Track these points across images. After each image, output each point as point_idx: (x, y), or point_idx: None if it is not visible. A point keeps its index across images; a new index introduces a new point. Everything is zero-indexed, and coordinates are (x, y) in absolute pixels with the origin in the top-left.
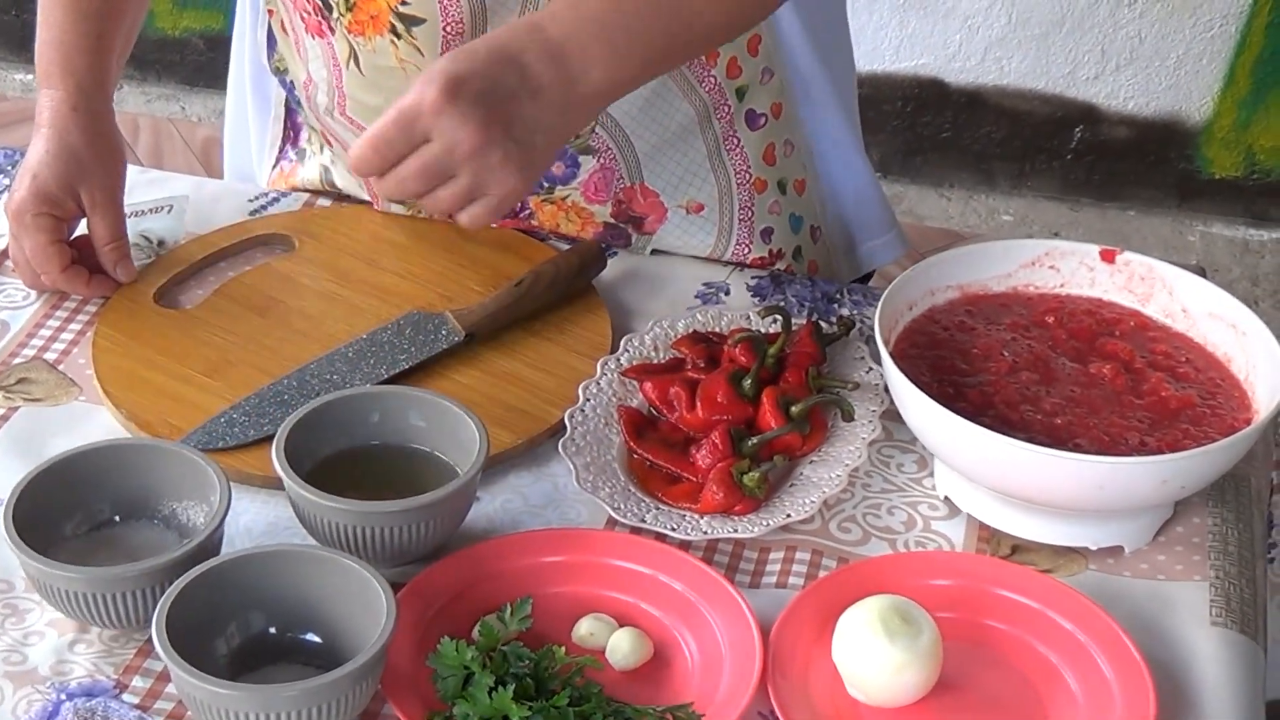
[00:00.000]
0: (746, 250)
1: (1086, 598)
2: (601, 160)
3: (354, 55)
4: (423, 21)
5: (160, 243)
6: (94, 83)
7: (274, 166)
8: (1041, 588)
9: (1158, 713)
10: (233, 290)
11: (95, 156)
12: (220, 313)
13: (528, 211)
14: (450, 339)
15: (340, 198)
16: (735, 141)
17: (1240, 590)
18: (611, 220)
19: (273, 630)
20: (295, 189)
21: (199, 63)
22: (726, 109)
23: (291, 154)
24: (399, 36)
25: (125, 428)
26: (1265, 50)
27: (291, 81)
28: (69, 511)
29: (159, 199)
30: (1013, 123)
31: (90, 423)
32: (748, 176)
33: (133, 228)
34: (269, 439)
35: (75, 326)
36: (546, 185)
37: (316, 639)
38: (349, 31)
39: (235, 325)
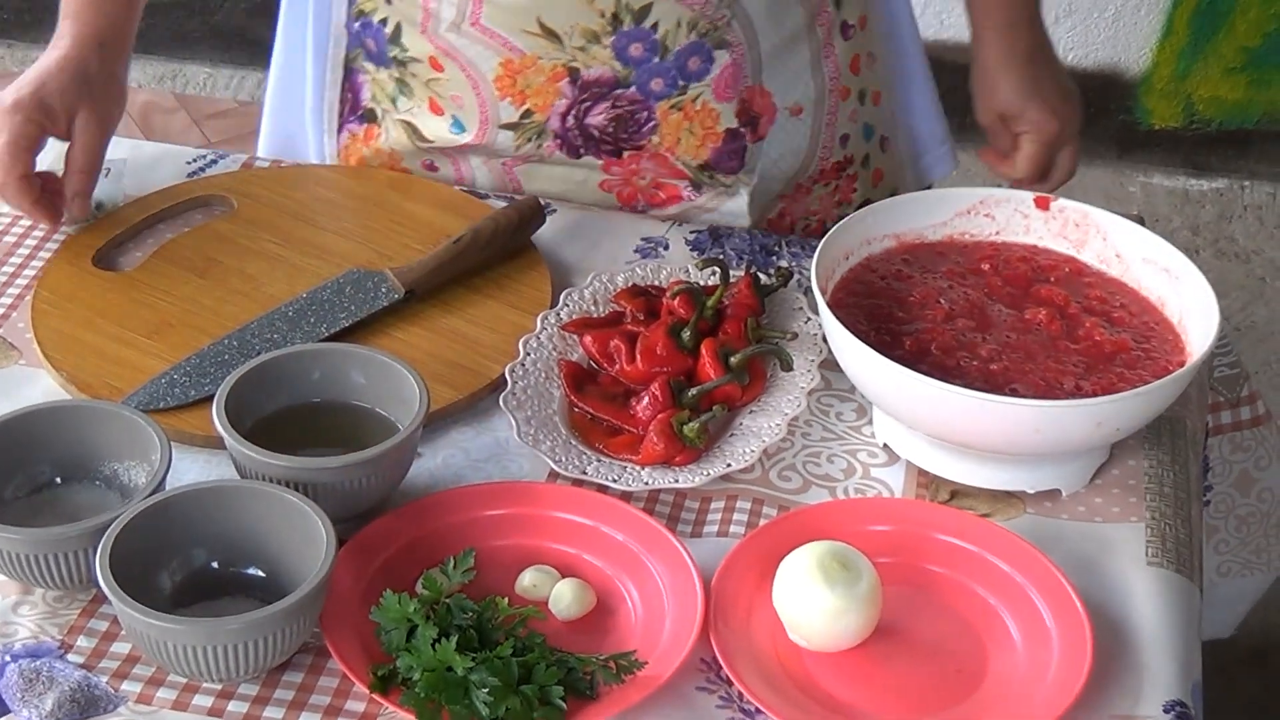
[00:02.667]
0: (828, 154)
1: (1024, 541)
2: (733, 56)
3: None
4: None
5: (99, 206)
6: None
7: (340, 131)
8: (980, 532)
9: (1095, 652)
10: (172, 252)
11: (104, 89)
12: (160, 274)
13: (653, 124)
14: (390, 296)
15: (431, 159)
16: (831, 49)
17: (1176, 531)
18: (734, 125)
19: (215, 565)
20: (380, 152)
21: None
22: (826, 16)
23: (355, 121)
24: None
25: (66, 390)
26: (1203, 1)
27: (381, 21)
28: (9, 474)
29: None
30: (952, 76)
31: (31, 386)
32: (837, 83)
33: None
34: (210, 399)
35: (14, 290)
36: (681, 82)
37: (260, 573)
38: None
39: (175, 287)
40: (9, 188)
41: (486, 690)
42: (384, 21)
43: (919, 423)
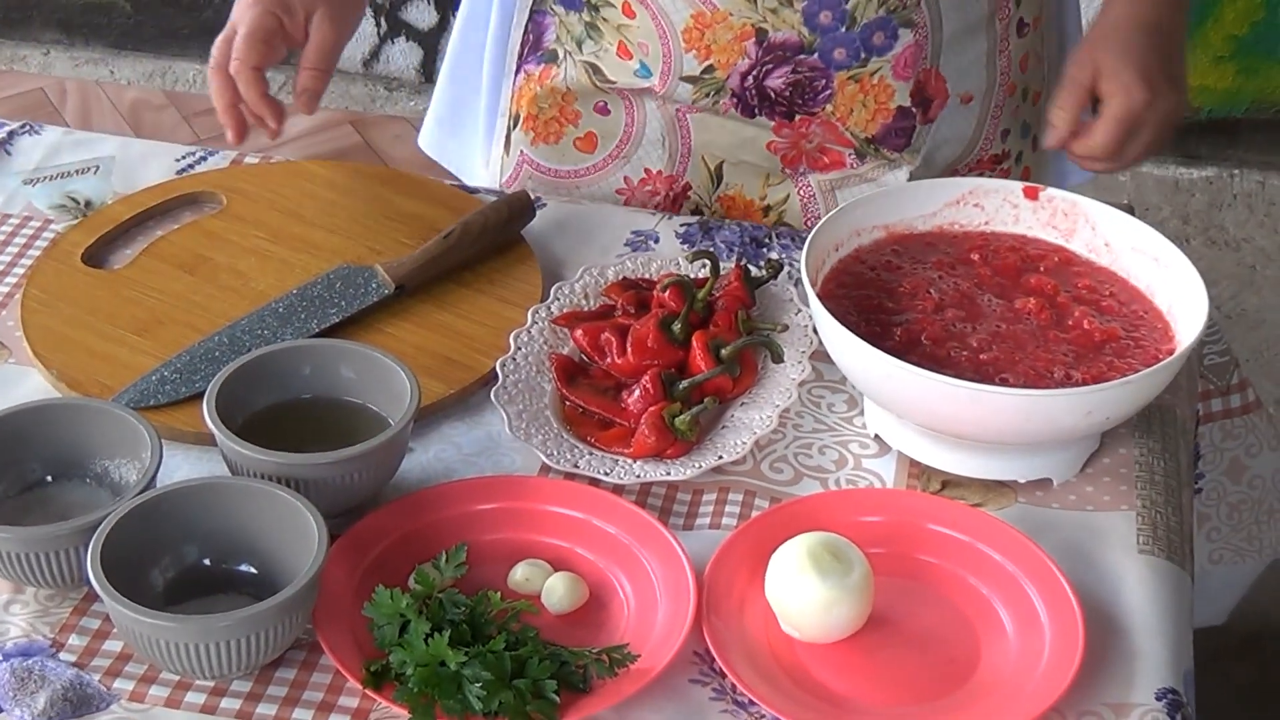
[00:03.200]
0: (989, 145)
1: (1016, 530)
2: (916, 36)
3: None
4: None
5: (88, 203)
6: None
7: (517, 73)
8: (971, 521)
9: (1087, 640)
10: (161, 249)
11: None
12: (149, 272)
13: (829, 92)
14: (380, 291)
15: (617, 93)
16: (1006, 44)
17: (1167, 519)
18: (907, 104)
19: (207, 562)
20: (554, 91)
21: (126, 26)
22: (1006, 12)
23: (533, 62)
24: None
25: (56, 388)
26: None
27: None
28: (0, 472)
29: (86, 160)
30: None
31: (21, 384)
32: (1007, 78)
33: (59, 189)
34: (201, 396)
35: (3, 289)
36: (864, 55)
37: (252, 569)
38: None
39: (165, 284)
40: (242, 76)
41: (479, 685)
42: None
43: (910, 413)
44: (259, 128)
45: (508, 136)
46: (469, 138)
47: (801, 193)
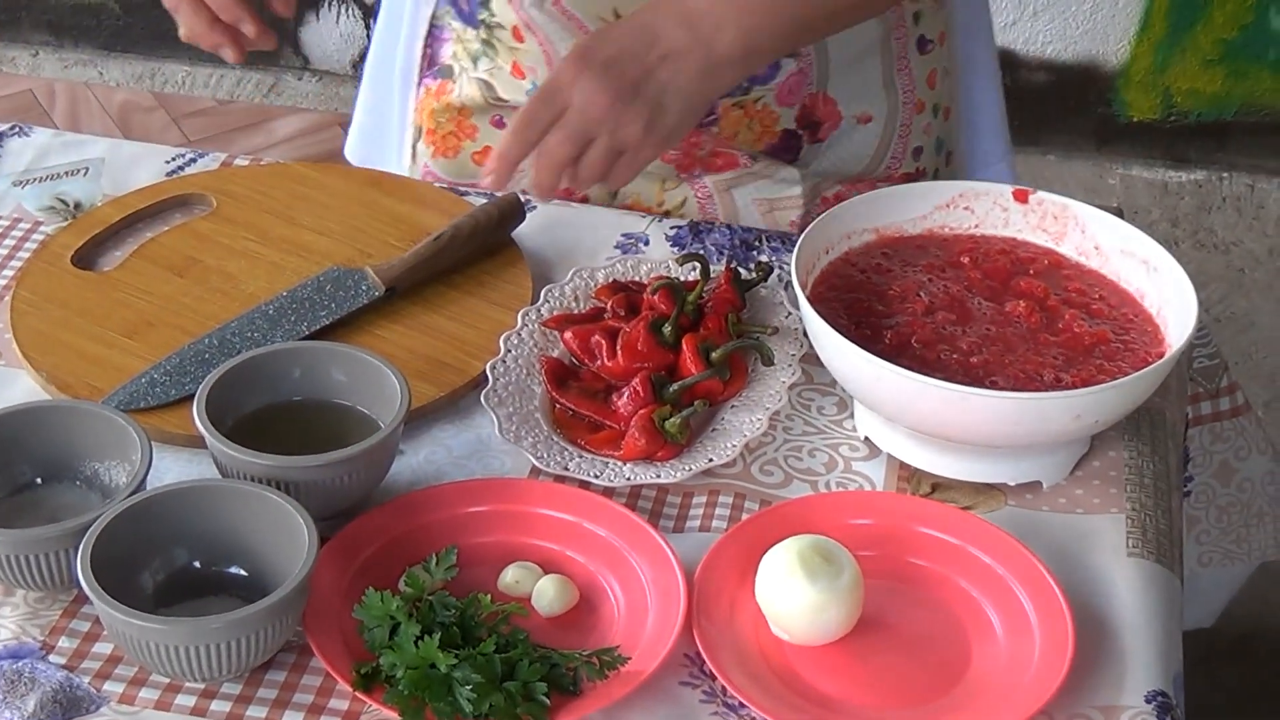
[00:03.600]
0: (897, 164)
1: (1006, 533)
2: (800, 65)
3: None
4: None
5: (77, 205)
6: None
7: (418, 86)
8: (961, 524)
9: (1076, 643)
10: (151, 251)
11: None
12: (139, 274)
13: (713, 118)
14: (370, 294)
15: (501, 117)
16: (906, 63)
17: (1156, 521)
18: (792, 126)
19: (197, 564)
20: (450, 107)
21: (116, 27)
22: (903, 31)
23: (431, 76)
24: None
25: (46, 390)
26: None
27: None
28: None
29: (75, 161)
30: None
31: (11, 387)
32: (912, 96)
33: (48, 191)
34: (191, 398)
35: None
36: (745, 86)
37: (242, 572)
38: None
39: (154, 286)
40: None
41: (470, 687)
42: None
43: (900, 416)
44: (234, 39)
45: (414, 148)
46: (389, 147)
47: (699, 193)
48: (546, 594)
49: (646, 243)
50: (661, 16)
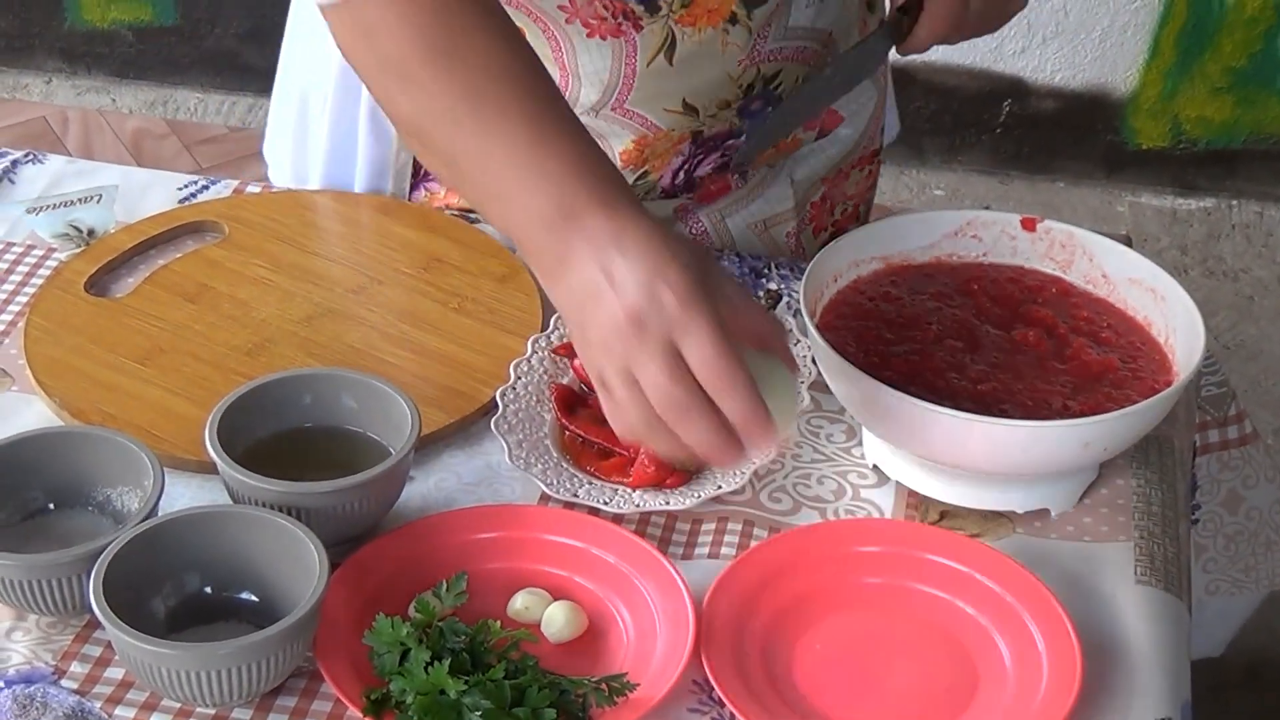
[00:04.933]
0: (871, 143)
1: (1014, 560)
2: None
3: (671, 45)
4: (765, 1)
5: (90, 232)
6: None
7: (413, 190)
8: (970, 552)
9: (1084, 671)
10: (164, 278)
11: None
12: (152, 300)
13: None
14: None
15: None
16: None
17: (1164, 549)
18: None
19: (208, 590)
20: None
21: (128, 55)
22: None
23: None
24: (734, 23)
25: (59, 416)
26: (1189, 21)
27: None
28: (2, 500)
29: (88, 189)
30: (941, 98)
31: (24, 413)
32: (883, 85)
33: (61, 218)
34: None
35: (6, 317)
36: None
37: (253, 598)
38: (678, 23)
39: (167, 312)
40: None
41: (479, 713)
42: None
43: (908, 444)
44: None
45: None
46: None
47: (693, 228)
48: (556, 620)
49: None
50: (577, 263)
